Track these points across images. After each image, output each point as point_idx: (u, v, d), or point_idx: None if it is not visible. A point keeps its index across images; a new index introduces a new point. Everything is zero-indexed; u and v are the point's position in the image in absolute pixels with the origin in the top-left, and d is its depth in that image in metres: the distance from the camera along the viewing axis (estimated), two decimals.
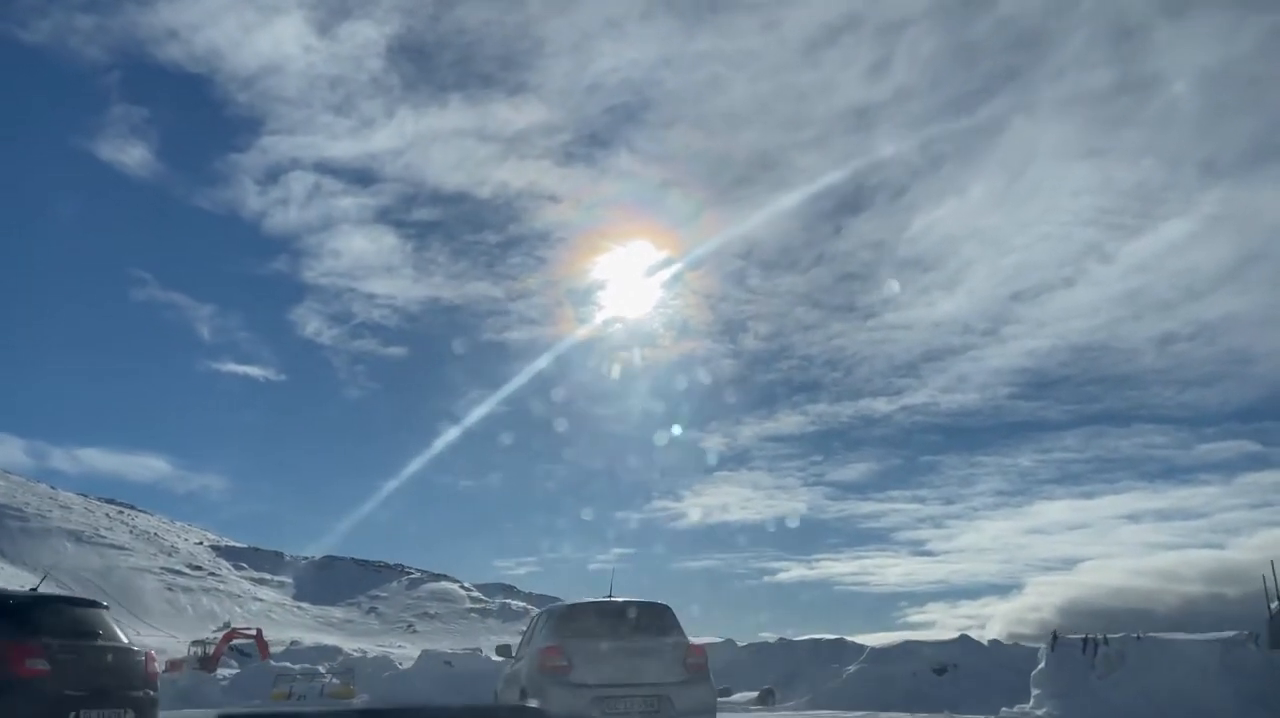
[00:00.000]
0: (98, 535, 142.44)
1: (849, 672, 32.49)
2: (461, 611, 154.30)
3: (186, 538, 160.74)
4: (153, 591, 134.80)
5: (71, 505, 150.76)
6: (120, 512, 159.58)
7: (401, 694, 38.19)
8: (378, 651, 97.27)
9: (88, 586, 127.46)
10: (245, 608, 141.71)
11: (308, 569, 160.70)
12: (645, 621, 9.63)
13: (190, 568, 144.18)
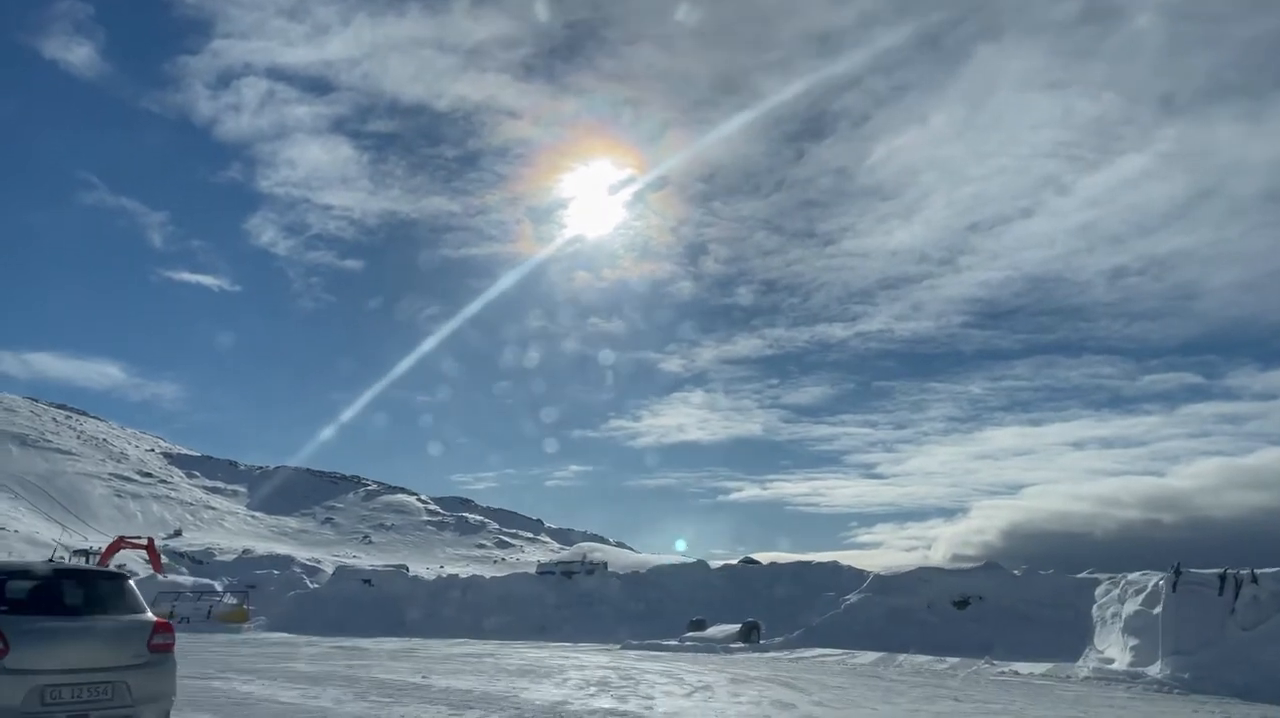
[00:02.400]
0: (44, 440, 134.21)
1: (849, 602, 25.64)
2: (418, 523, 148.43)
3: (137, 445, 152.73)
4: (100, 496, 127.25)
5: (17, 408, 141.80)
6: (68, 417, 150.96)
7: (303, 618, 31.40)
8: (333, 560, 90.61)
9: (31, 488, 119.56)
10: (197, 516, 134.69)
11: (262, 479, 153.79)
12: (100, 593, 7.94)
13: (140, 475, 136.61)
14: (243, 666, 16.53)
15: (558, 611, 29.26)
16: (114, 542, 42.82)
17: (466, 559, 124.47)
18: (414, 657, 19.55)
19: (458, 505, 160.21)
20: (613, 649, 22.96)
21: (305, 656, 19.66)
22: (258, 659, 18.24)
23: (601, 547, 41.03)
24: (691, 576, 29.75)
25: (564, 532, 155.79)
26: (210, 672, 15.13)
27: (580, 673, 15.96)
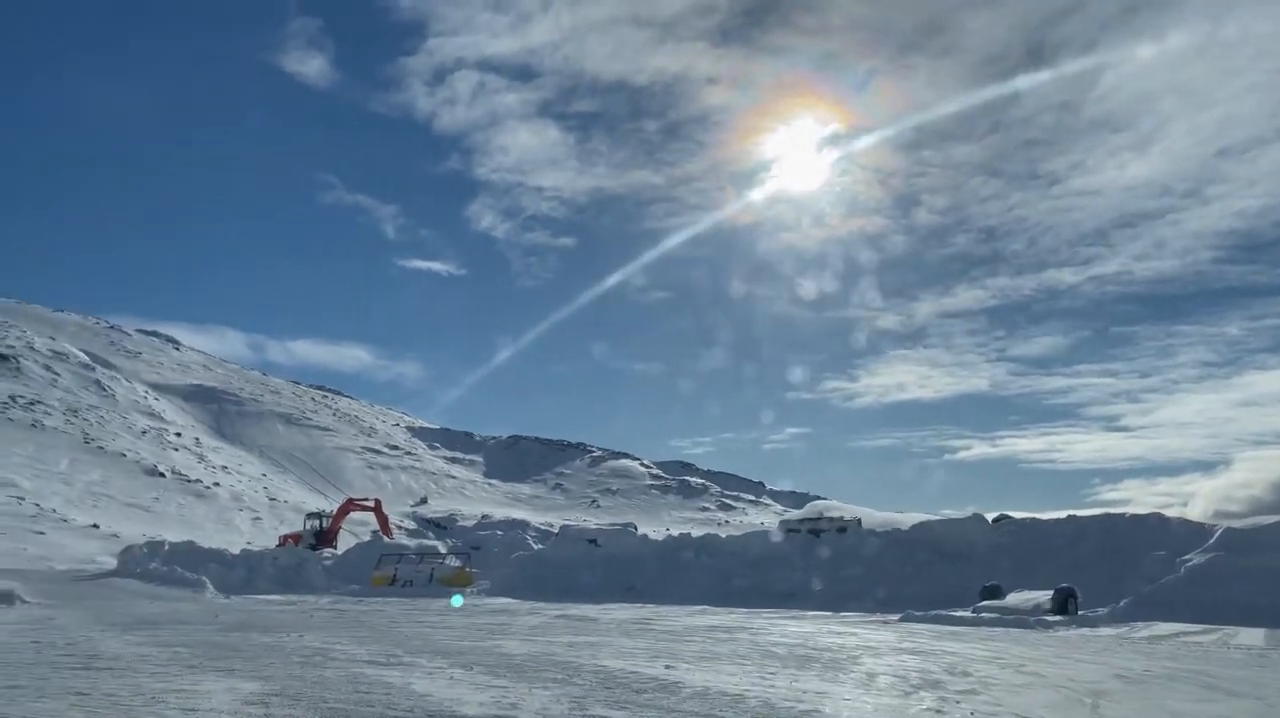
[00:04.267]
0: (305, 418, 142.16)
1: (1191, 564, 19.08)
2: (642, 487, 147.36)
3: (384, 420, 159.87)
4: (355, 468, 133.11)
5: (281, 391, 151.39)
6: (325, 396, 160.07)
7: (526, 582, 28.21)
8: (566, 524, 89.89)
9: (297, 462, 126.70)
10: (440, 484, 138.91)
11: (495, 449, 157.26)
12: None
13: (388, 448, 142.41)
14: (443, 644, 12.86)
15: (806, 574, 24.68)
16: (344, 504, 42.04)
17: (690, 522, 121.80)
18: (649, 631, 15.45)
19: (679, 469, 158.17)
20: (890, 622, 18.04)
21: (522, 629, 15.96)
22: (465, 634, 14.63)
23: (839, 504, 36.78)
24: (968, 533, 24.24)
25: (787, 493, 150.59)
26: (397, 654, 11.47)
27: (878, 661, 11.21)
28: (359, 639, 13.45)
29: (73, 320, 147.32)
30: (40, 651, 11.41)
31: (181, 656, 11.14)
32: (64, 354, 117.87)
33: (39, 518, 61.88)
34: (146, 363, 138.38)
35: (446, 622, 17.23)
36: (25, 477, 75.20)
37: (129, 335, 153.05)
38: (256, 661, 10.70)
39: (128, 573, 30.15)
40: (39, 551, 49.84)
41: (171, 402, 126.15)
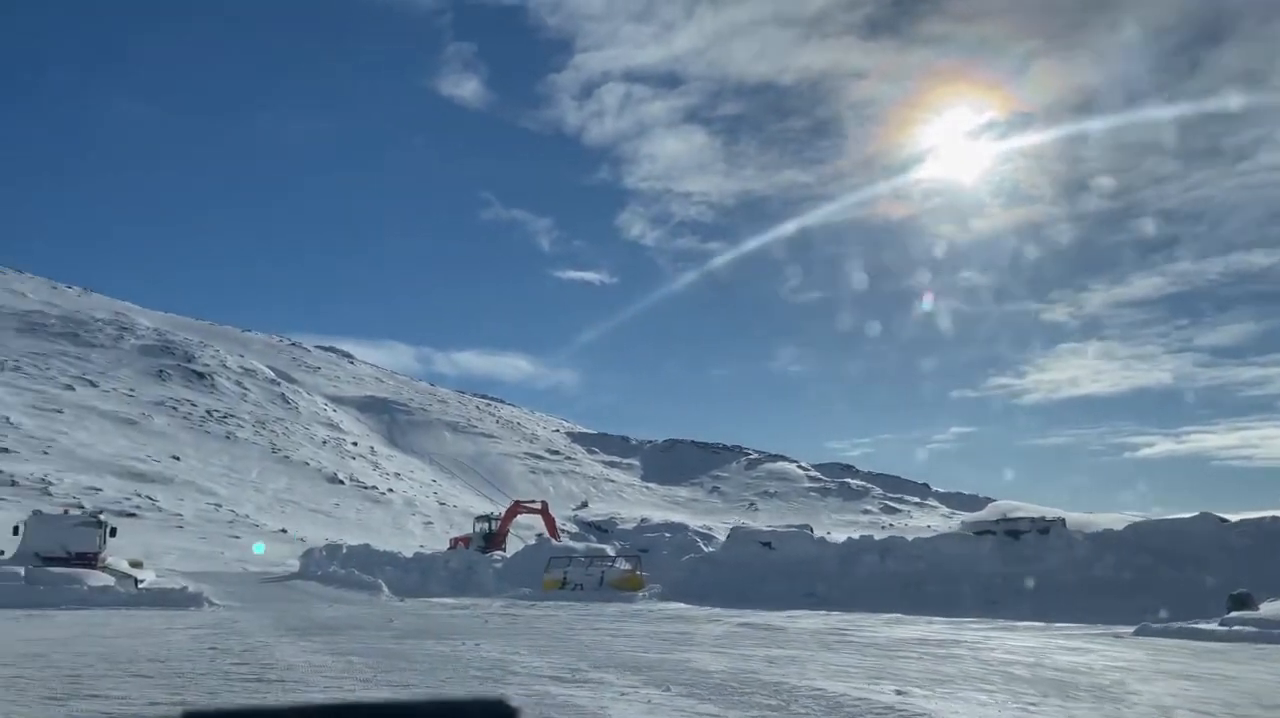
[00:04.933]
0: (470, 425, 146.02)
1: None
2: (801, 490, 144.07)
3: (545, 427, 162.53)
4: (518, 473, 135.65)
5: (448, 400, 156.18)
6: (488, 404, 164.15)
7: (698, 586, 26.78)
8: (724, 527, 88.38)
9: (464, 468, 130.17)
10: (599, 488, 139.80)
11: (652, 452, 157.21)
12: None
13: (549, 453, 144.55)
14: (628, 657, 11.61)
15: (1007, 580, 22.30)
16: (511, 507, 41.91)
17: (853, 525, 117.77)
18: (848, 642, 13.76)
19: (838, 471, 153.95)
20: (1123, 636, 15.67)
21: (707, 638, 14.57)
22: (648, 644, 13.35)
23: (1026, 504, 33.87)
24: (1194, 533, 21.28)
25: (953, 495, 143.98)
26: (581, 669, 10.27)
27: (1151, 687, 9.19)
28: (538, 649, 12.38)
29: (259, 339, 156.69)
30: (215, 658, 10.83)
31: (355, 666, 10.29)
32: (252, 371, 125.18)
33: (235, 523, 65.24)
34: (325, 377, 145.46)
35: (625, 629, 16.04)
36: (222, 485, 79.76)
37: (309, 351, 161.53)
38: (432, 673, 9.72)
39: (309, 575, 30.65)
40: (235, 554, 52.29)
41: (348, 413, 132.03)
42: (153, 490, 68.24)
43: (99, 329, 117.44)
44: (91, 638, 13.08)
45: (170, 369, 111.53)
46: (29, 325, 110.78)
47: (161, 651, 11.60)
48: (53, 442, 73.88)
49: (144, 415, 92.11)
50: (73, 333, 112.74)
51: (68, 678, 9.12)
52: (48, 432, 76.35)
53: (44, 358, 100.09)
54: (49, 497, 54.74)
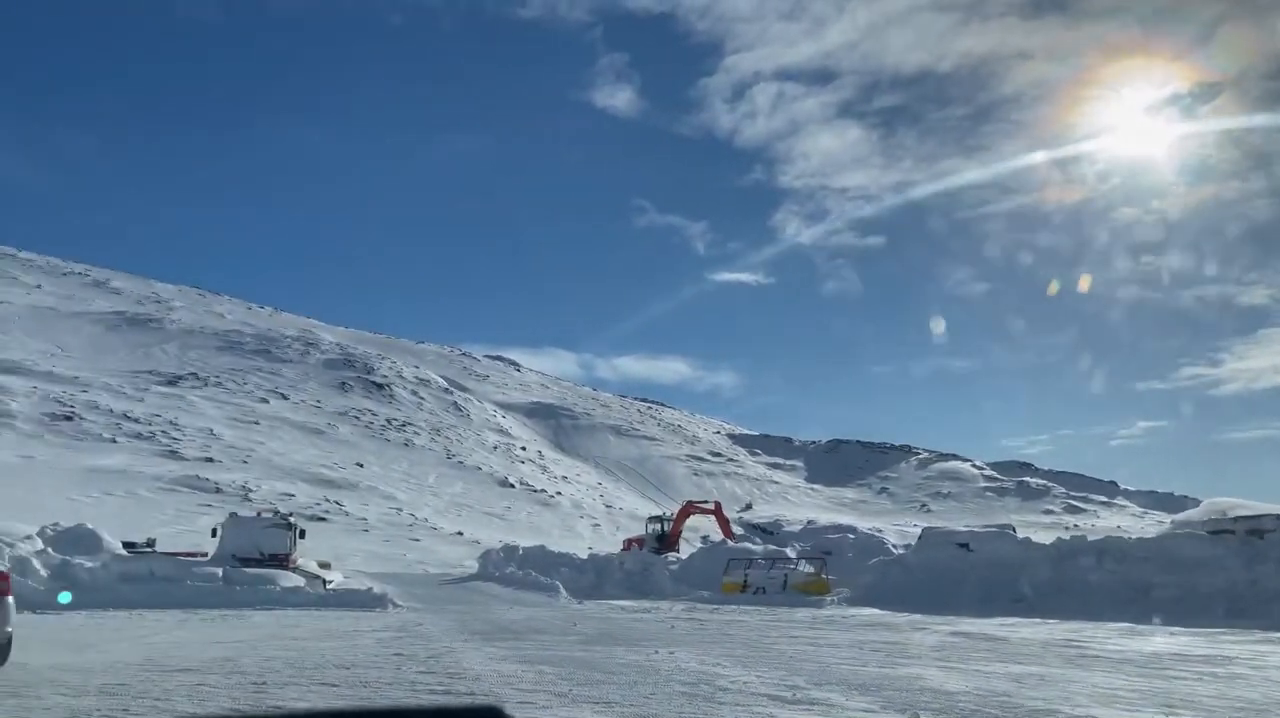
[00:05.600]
0: (633, 429, 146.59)
1: None
2: (976, 489, 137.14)
3: (706, 428, 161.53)
4: (681, 475, 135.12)
5: (610, 405, 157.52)
6: (649, 408, 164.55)
7: (889, 590, 24.80)
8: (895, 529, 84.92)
9: (628, 471, 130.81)
10: (763, 489, 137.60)
11: (816, 453, 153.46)
12: None
13: (711, 455, 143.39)
14: (845, 671, 10.18)
15: (1252, 585, 19.44)
16: (684, 507, 40.94)
17: (1034, 526, 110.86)
18: (1094, 658, 11.82)
19: (1016, 470, 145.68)
20: None
21: (922, 650, 12.93)
22: (859, 655, 11.86)
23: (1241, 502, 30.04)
24: None
25: (1145, 494, 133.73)
26: (799, 685, 8.93)
27: None
28: (739, 660, 11.12)
29: (432, 350, 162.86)
30: (401, 666, 10.12)
31: (547, 677, 9.34)
32: (427, 380, 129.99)
33: (415, 527, 67.30)
34: (494, 384, 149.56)
35: (825, 637, 14.57)
36: (402, 490, 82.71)
37: (478, 361, 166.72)
38: (633, 688, 8.63)
39: (487, 577, 30.58)
40: (415, 556, 53.71)
41: (516, 418, 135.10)
42: (340, 496, 71.26)
43: (288, 346, 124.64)
44: (281, 641, 12.76)
45: (352, 381, 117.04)
46: (228, 344, 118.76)
47: (348, 655, 11.04)
48: (251, 451, 78.48)
49: (330, 425, 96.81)
50: (266, 350, 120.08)
51: (253, 686, 8.55)
52: (246, 442, 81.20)
53: (242, 374, 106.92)
54: (249, 502, 57.84)
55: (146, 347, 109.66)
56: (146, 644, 12.08)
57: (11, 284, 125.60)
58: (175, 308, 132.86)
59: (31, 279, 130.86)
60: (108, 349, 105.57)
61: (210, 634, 13.61)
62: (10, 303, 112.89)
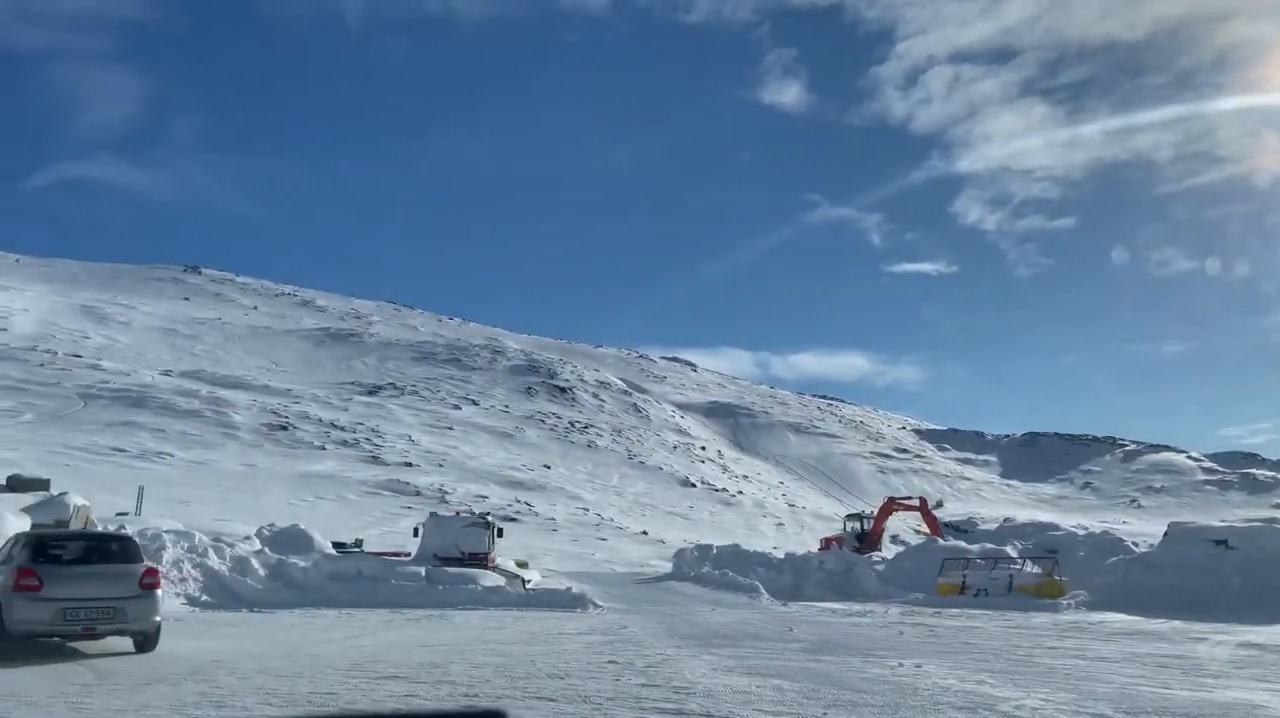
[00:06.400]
0: (812, 426, 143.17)
1: None
2: (1193, 483, 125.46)
3: (889, 424, 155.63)
4: (865, 472, 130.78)
5: (788, 402, 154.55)
6: (829, 404, 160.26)
7: (1131, 593, 21.83)
8: (1101, 526, 78.61)
9: (810, 469, 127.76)
10: (954, 487, 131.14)
11: (1010, 447, 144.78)
12: (112, 548, 11.40)
13: (896, 451, 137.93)
14: (1152, 696, 8.25)
15: None
16: (885, 504, 38.54)
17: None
18: None
19: (1239, 461, 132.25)
20: None
21: (1220, 665, 10.71)
22: (1149, 672, 9.83)
23: None
24: None
25: None
26: (1105, 714, 7.18)
27: None
28: (1007, 677, 9.39)
29: (610, 353, 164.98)
30: (619, 677, 9.04)
31: (789, 695, 7.98)
32: (607, 383, 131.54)
33: (600, 526, 67.61)
34: (671, 385, 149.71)
35: (1088, 649, 12.47)
36: (587, 490, 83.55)
37: (655, 362, 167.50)
38: (897, 713, 7.16)
39: (682, 576, 29.55)
40: (603, 555, 53.64)
41: (695, 419, 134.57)
42: (529, 497, 72.53)
43: (476, 354, 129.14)
44: (486, 645, 12.01)
45: (537, 386, 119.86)
46: (421, 354, 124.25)
47: (558, 662, 10.09)
48: (446, 455, 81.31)
49: (518, 429, 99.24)
50: (456, 359, 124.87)
51: (464, 698, 7.66)
52: (442, 446, 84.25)
53: (435, 382, 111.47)
54: (445, 504, 59.60)
55: (349, 360, 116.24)
56: (354, 647, 11.60)
57: (231, 306, 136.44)
58: (374, 323, 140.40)
59: (249, 301, 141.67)
60: (315, 363, 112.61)
61: (416, 636, 13.07)
62: (232, 323, 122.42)
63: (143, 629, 10.60)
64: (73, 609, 10.07)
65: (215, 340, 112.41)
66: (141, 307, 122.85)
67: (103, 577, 10.54)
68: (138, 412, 71.24)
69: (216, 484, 52.05)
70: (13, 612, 9.95)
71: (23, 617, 9.96)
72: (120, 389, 76.99)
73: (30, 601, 9.96)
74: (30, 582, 10.02)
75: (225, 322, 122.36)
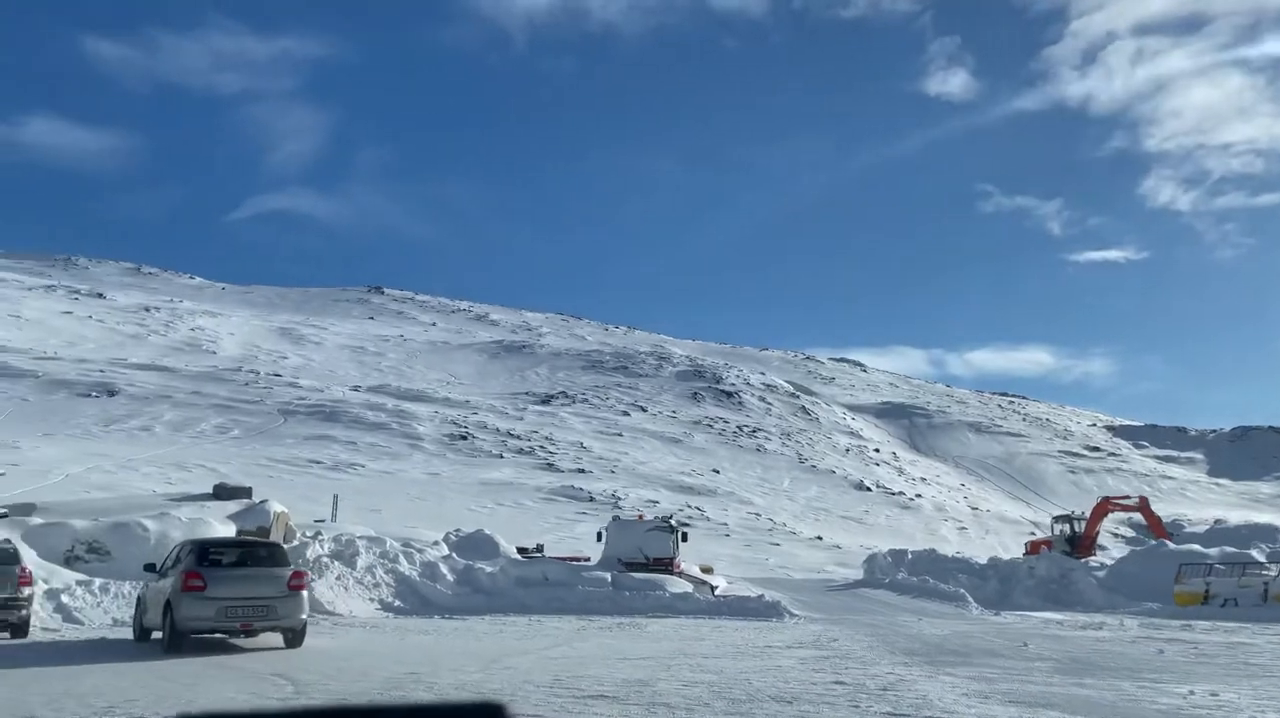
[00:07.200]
0: (994, 425, 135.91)
1: None
2: None
3: (1078, 421, 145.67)
4: (1054, 473, 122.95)
5: (967, 401, 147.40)
6: (1011, 402, 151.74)
7: None
8: None
9: (993, 470, 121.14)
10: (1154, 486, 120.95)
11: (1218, 443, 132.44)
12: (262, 553, 12.59)
13: (1088, 450, 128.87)
14: None
15: None
16: (1099, 504, 35.07)
17: None
18: None
19: None
20: None
21: None
22: None
23: None
24: None
25: None
26: None
27: None
28: None
29: (776, 356, 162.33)
30: (856, 701, 7.76)
31: None
32: (773, 386, 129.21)
33: (773, 532, 65.86)
34: (840, 387, 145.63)
35: None
36: (758, 495, 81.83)
37: (823, 364, 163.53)
38: None
39: (875, 583, 27.73)
40: (776, 560, 51.96)
41: (866, 420, 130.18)
42: (700, 502, 71.60)
43: (643, 361, 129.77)
44: (691, 659, 10.96)
45: (703, 391, 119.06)
46: (590, 363, 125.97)
47: (778, 682, 8.90)
48: (617, 461, 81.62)
49: (686, 434, 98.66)
50: (624, 366, 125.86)
51: None
52: (613, 453, 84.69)
53: (604, 390, 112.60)
54: (619, 509, 59.55)
55: (522, 370, 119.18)
56: (551, 659, 10.81)
57: (413, 323, 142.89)
58: (544, 334, 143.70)
59: (428, 318, 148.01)
60: (491, 375, 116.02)
61: (613, 647, 12.19)
62: (413, 340, 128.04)
63: (291, 626, 11.52)
64: (232, 607, 11.07)
65: (399, 356, 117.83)
66: (332, 327, 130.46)
67: (256, 578, 11.54)
68: (331, 425, 75.10)
69: (403, 492, 53.84)
70: (181, 609, 10.95)
71: (190, 614, 10.93)
72: (315, 405, 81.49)
73: (196, 599, 10.96)
74: (196, 583, 11.03)
75: (407, 338, 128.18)
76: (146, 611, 12.24)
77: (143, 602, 12.69)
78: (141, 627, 12.38)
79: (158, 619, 11.62)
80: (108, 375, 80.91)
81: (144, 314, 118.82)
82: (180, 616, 10.96)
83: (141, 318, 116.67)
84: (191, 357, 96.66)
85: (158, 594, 11.89)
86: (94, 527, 17.49)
